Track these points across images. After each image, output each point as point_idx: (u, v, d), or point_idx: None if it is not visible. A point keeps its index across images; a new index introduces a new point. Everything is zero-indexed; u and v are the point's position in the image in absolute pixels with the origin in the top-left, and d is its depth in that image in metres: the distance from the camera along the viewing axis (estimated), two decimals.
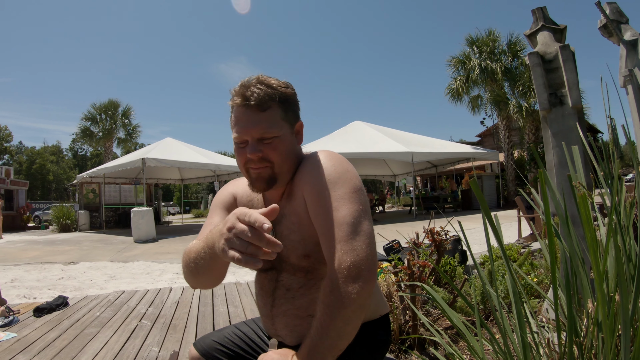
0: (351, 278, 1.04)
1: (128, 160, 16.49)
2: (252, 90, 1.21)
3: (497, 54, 20.35)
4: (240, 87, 1.24)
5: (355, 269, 1.05)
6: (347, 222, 1.10)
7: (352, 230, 1.09)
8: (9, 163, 60.03)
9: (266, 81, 1.24)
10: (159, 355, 3.03)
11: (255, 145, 1.23)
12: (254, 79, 1.25)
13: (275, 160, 1.24)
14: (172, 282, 6.38)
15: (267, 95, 1.21)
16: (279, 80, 1.28)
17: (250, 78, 1.26)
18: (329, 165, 1.20)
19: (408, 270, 2.85)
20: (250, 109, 1.22)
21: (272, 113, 1.23)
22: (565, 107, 2.68)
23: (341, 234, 1.09)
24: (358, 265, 1.05)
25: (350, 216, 1.11)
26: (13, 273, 7.84)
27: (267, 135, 1.22)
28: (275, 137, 1.23)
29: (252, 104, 1.21)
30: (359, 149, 16.72)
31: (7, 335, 3.58)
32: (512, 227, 9.77)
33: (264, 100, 1.21)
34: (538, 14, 2.96)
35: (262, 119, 1.22)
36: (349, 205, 1.13)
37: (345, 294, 1.04)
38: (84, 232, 18.81)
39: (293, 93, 1.30)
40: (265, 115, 1.22)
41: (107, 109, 27.50)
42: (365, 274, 1.05)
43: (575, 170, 1.63)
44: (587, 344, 1.23)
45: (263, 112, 1.22)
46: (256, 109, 1.21)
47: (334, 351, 1.08)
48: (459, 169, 24.60)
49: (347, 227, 1.10)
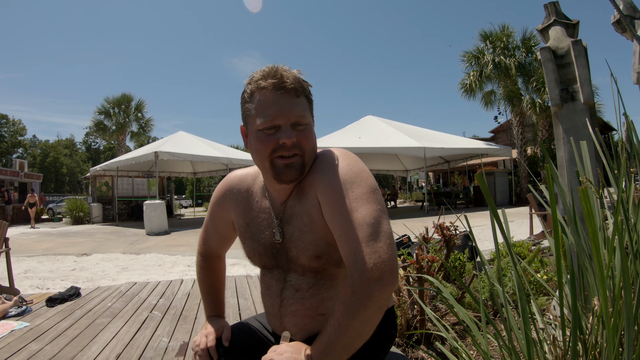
0: (373, 280, 1.02)
1: (141, 154, 16.62)
2: (287, 74, 1.19)
3: (510, 49, 20.15)
4: (271, 70, 1.20)
5: (377, 271, 1.02)
6: (367, 222, 1.08)
7: (373, 231, 1.07)
8: (23, 156, 60.87)
9: (292, 73, 1.21)
10: (168, 345, 3.06)
11: (290, 130, 1.18)
12: (281, 66, 1.21)
13: (306, 149, 1.21)
14: (183, 274, 6.43)
15: (299, 82, 1.20)
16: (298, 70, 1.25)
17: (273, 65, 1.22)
18: (345, 165, 1.18)
19: (416, 264, 2.84)
20: (286, 91, 1.18)
21: (303, 101, 1.21)
22: (576, 103, 2.66)
23: (362, 235, 1.06)
24: (380, 267, 1.03)
25: (370, 217, 1.09)
26: (27, 264, 7.97)
27: (302, 121, 1.20)
28: (307, 125, 1.21)
29: (290, 86, 1.18)
30: (372, 143, 16.71)
31: (20, 325, 3.64)
32: (524, 224, 9.72)
33: (298, 85, 1.19)
34: (550, 8, 2.93)
35: (298, 104, 1.19)
36: (368, 205, 1.11)
37: (367, 296, 1.02)
38: (96, 225, 19.03)
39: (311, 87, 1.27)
40: (299, 101, 1.20)
41: (120, 103, 27.68)
42: (387, 276, 1.03)
43: (583, 167, 1.62)
44: (592, 341, 1.23)
45: (297, 97, 1.19)
46: (292, 93, 1.18)
47: (349, 350, 1.07)
48: (472, 165, 24.47)
49: (367, 228, 1.07)
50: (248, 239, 1.38)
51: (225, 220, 1.48)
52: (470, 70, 20.95)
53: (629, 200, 1.42)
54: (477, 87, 20.65)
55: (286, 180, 1.22)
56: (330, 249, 1.22)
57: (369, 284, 1.02)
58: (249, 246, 1.39)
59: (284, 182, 1.23)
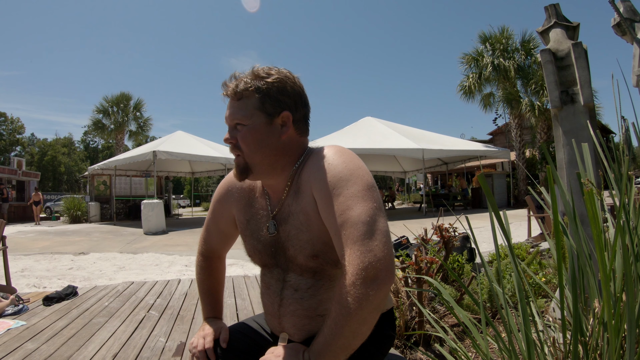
0: (369, 279, 1.01)
1: (139, 153, 16.62)
2: (234, 80, 1.27)
3: (510, 51, 20.21)
4: (229, 78, 1.29)
5: (373, 270, 1.02)
6: (363, 221, 1.06)
7: (368, 229, 1.06)
8: (21, 154, 60.73)
9: (256, 72, 1.26)
10: (165, 345, 3.05)
11: (230, 132, 1.28)
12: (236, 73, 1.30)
13: (244, 150, 1.25)
14: (180, 274, 6.42)
15: (244, 85, 1.23)
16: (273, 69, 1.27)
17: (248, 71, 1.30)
18: (340, 162, 1.17)
19: (415, 266, 2.84)
20: (230, 97, 1.27)
21: (245, 102, 1.24)
22: (576, 105, 2.66)
23: (357, 234, 1.05)
24: (376, 266, 1.02)
25: (365, 215, 1.07)
26: (23, 262, 7.94)
27: (239, 123, 1.25)
28: (245, 126, 1.24)
29: (227, 92, 1.27)
30: (370, 144, 16.72)
31: (17, 323, 3.62)
32: (522, 227, 9.72)
33: (238, 90, 1.24)
34: (551, 10, 2.93)
35: (234, 107, 1.26)
36: (363, 203, 1.09)
37: (362, 295, 1.01)
38: (94, 224, 18.99)
39: (278, 83, 1.24)
40: (238, 104, 1.25)
41: (119, 102, 27.66)
42: (383, 275, 1.02)
43: (584, 169, 1.62)
44: (592, 343, 1.23)
45: (237, 100, 1.25)
46: (232, 97, 1.26)
47: (347, 350, 1.07)
48: (470, 167, 24.49)
49: (362, 227, 1.06)
50: (248, 236, 1.39)
51: (227, 217, 1.48)
52: (469, 73, 21.03)
53: (629, 202, 1.41)
54: (476, 89, 20.71)
55: (236, 178, 1.31)
56: (327, 248, 1.21)
57: (365, 283, 1.01)
58: (249, 244, 1.39)
59: (236, 178, 1.31)
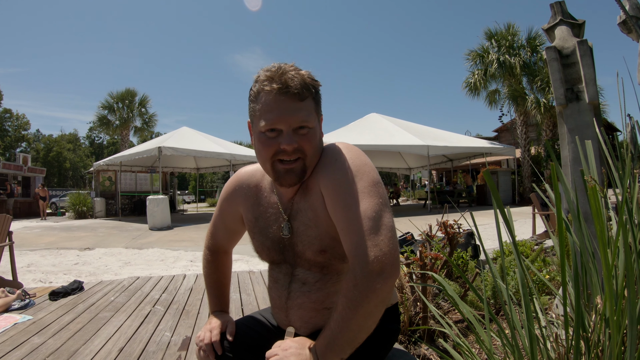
0: (375, 273, 1.03)
1: (144, 149, 16.64)
2: (292, 77, 1.16)
3: (515, 48, 20.09)
4: (277, 72, 1.18)
5: (378, 263, 1.04)
6: (369, 216, 1.09)
7: (374, 224, 1.08)
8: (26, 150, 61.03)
9: (299, 71, 1.19)
10: (171, 340, 3.07)
11: (292, 135, 1.17)
12: (288, 67, 1.19)
13: (308, 153, 1.20)
14: (185, 269, 6.45)
15: (305, 85, 1.17)
16: (307, 72, 1.22)
17: (280, 65, 1.20)
18: (347, 159, 1.18)
19: (420, 261, 2.85)
20: (289, 96, 1.16)
21: (308, 104, 1.19)
22: (581, 103, 2.65)
23: (363, 228, 1.07)
24: (381, 260, 1.04)
25: (371, 210, 1.09)
26: (29, 258, 8.00)
27: (305, 125, 1.18)
28: (310, 129, 1.20)
29: (293, 91, 1.16)
30: (375, 141, 16.69)
31: (23, 318, 3.66)
32: (526, 224, 9.70)
33: (303, 89, 1.17)
34: (556, 8, 2.92)
35: (302, 108, 1.17)
36: (369, 198, 1.11)
37: (368, 288, 1.03)
38: (99, 219, 19.08)
39: (320, 87, 1.25)
40: (304, 105, 1.18)
41: (124, 98, 27.73)
42: (389, 269, 1.04)
43: (588, 166, 1.62)
44: (594, 339, 1.24)
45: (301, 101, 1.17)
46: (295, 98, 1.16)
47: (353, 343, 1.08)
48: (475, 164, 24.43)
49: (368, 222, 1.08)
50: (257, 233, 1.40)
51: (234, 215, 1.49)
52: (475, 69, 20.91)
53: (632, 200, 1.42)
54: (482, 85, 20.60)
55: (285, 184, 1.23)
56: (335, 243, 1.23)
57: (371, 276, 1.03)
58: (258, 240, 1.40)
59: (283, 185, 1.25)
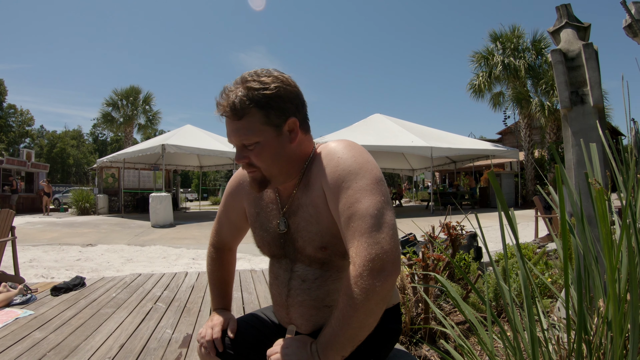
0: (375, 271, 1.03)
1: (148, 146, 16.70)
2: (228, 98, 1.18)
3: (520, 50, 20.06)
4: (220, 93, 1.21)
5: (379, 261, 1.03)
6: (370, 214, 1.08)
7: (376, 222, 1.07)
8: (30, 146, 61.15)
9: (247, 83, 1.18)
10: (172, 337, 3.08)
11: (240, 151, 1.24)
12: (236, 82, 1.21)
13: (260, 166, 1.23)
14: (187, 267, 6.47)
15: (241, 103, 1.17)
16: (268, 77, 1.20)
17: (225, 86, 1.22)
18: (350, 156, 1.18)
19: (422, 262, 2.85)
20: (228, 117, 1.20)
21: (249, 119, 1.18)
22: (586, 106, 2.65)
23: (365, 227, 1.07)
24: (382, 258, 1.04)
25: (373, 208, 1.09)
26: (32, 253, 8.03)
27: (247, 142, 1.20)
28: (255, 144, 1.20)
29: (226, 114, 1.20)
30: (379, 141, 16.71)
31: (25, 313, 3.67)
32: (529, 227, 9.69)
33: (237, 108, 1.17)
34: (562, 11, 2.92)
35: (239, 127, 1.19)
36: (372, 196, 1.11)
37: (369, 286, 1.03)
38: (102, 216, 19.13)
39: (277, 91, 1.19)
40: (242, 123, 1.18)
41: (128, 95, 27.82)
42: (390, 267, 1.04)
43: (592, 169, 1.62)
44: (596, 342, 1.24)
45: (239, 120, 1.18)
46: (232, 118, 1.19)
47: (354, 341, 1.09)
48: (478, 166, 24.39)
49: (370, 219, 1.08)
50: (258, 227, 1.41)
51: (238, 210, 1.51)
52: (480, 71, 20.90)
53: (636, 203, 1.42)
54: (486, 88, 20.59)
55: (253, 190, 1.31)
56: (336, 240, 1.23)
57: (371, 274, 1.03)
58: (259, 235, 1.41)
59: (253, 191, 1.32)
